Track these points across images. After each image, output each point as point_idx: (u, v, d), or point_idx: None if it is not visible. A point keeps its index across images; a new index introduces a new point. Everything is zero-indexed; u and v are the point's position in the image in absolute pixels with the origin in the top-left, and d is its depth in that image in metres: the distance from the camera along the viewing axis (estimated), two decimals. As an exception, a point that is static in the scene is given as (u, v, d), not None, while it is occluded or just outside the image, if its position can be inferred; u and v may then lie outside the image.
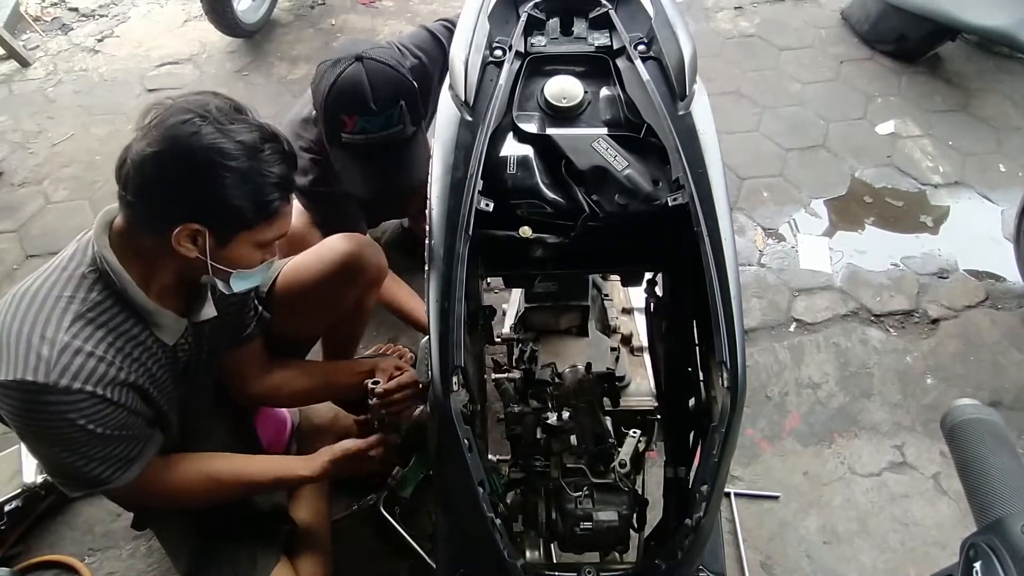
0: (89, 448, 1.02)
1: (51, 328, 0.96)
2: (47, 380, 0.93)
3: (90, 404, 0.98)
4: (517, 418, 1.22)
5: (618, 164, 1.00)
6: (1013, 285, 2.27)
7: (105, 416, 1.00)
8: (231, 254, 1.04)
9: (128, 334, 1.04)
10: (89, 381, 0.97)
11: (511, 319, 1.57)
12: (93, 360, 0.97)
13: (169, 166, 0.93)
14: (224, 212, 0.98)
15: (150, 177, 0.94)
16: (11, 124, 2.79)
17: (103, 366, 0.99)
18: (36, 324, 0.96)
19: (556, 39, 1.16)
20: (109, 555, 1.66)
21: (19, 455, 1.68)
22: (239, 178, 0.96)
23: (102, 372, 0.98)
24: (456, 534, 1.04)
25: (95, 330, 0.99)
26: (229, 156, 0.94)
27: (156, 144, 0.93)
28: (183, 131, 0.93)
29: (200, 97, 0.98)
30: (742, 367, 0.89)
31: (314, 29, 3.26)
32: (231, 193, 0.96)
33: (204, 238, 0.99)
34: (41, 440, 1.02)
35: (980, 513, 0.68)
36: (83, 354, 0.97)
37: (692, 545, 0.88)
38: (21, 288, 1.00)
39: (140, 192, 0.96)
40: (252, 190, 0.98)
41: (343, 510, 1.68)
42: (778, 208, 2.50)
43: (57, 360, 0.94)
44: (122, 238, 1.03)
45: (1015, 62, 3.12)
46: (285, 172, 1.02)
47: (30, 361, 0.93)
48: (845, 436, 1.91)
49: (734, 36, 3.25)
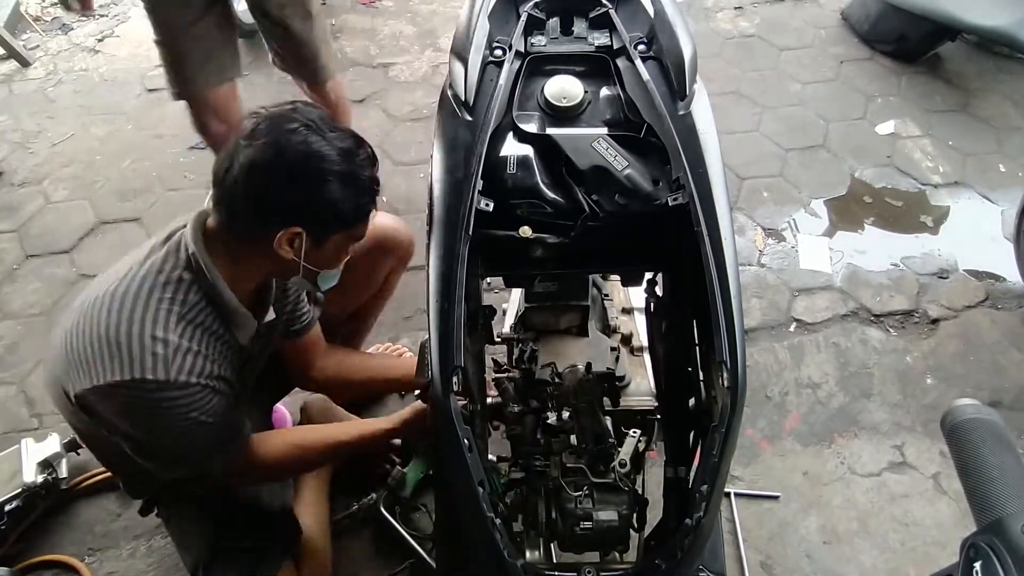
0: (200, 433, 1.09)
1: (160, 329, 1.02)
2: (167, 377, 1.01)
3: (201, 396, 1.07)
4: (517, 418, 1.22)
5: (618, 164, 1.00)
6: (1013, 285, 2.27)
7: (212, 405, 1.09)
8: (322, 255, 1.10)
9: (216, 333, 1.11)
10: (201, 376, 1.06)
11: (511, 319, 1.57)
12: (200, 358, 1.06)
13: (279, 172, 0.99)
14: (326, 214, 1.04)
15: (260, 184, 1.00)
16: (11, 124, 2.80)
17: (208, 363, 1.08)
18: (146, 325, 1.02)
19: (556, 39, 1.16)
20: (109, 555, 1.66)
21: (19, 455, 1.68)
22: (340, 182, 1.02)
23: (207, 368, 1.08)
24: (456, 534, 1.04)
25: (195, 330, 1.07)
26: (332, 162, 1.01)
27: (266, 152, 0.99)
28: (292, 140, 0.99)
29: (299, 108, 1.04)
30: (742, 367, 0.89)
31: (314, 29, 3.26)
32: (334, 196, 1.02)
33: (301, 240, 1.05)
34: (154, 432, 1.08)
35: (980, 513, 0.68)
36: (192, 353, 1.05)
37: (692, 545, 0.88)
38: (119, 289, 1.05)
39: (248, 198, 1.02)
40: (351, 193, 1.04)
41: (343, 510, 1.68)
42: (778, 208, 2.50)
43: (173, 359, 1.02)
44: (215, 241, 1.08)
45: (1015, 62, 3.12)
46: (374, 175, 1.09)
47: (147, 361, 1.00)
48: (845, 436, 1.91)
49: (734, 36, 3.25)
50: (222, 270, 1.08)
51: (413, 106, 2.85)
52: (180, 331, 1.04)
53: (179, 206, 2.44)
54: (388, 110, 2.84)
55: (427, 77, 3.01)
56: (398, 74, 3.03)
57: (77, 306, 1.09)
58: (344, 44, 3.18)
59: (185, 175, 2.56)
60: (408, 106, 2.85)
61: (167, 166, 2.59)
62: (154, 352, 1.01)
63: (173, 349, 1.02)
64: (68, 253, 2.30)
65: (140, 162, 2.60)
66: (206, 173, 2.78)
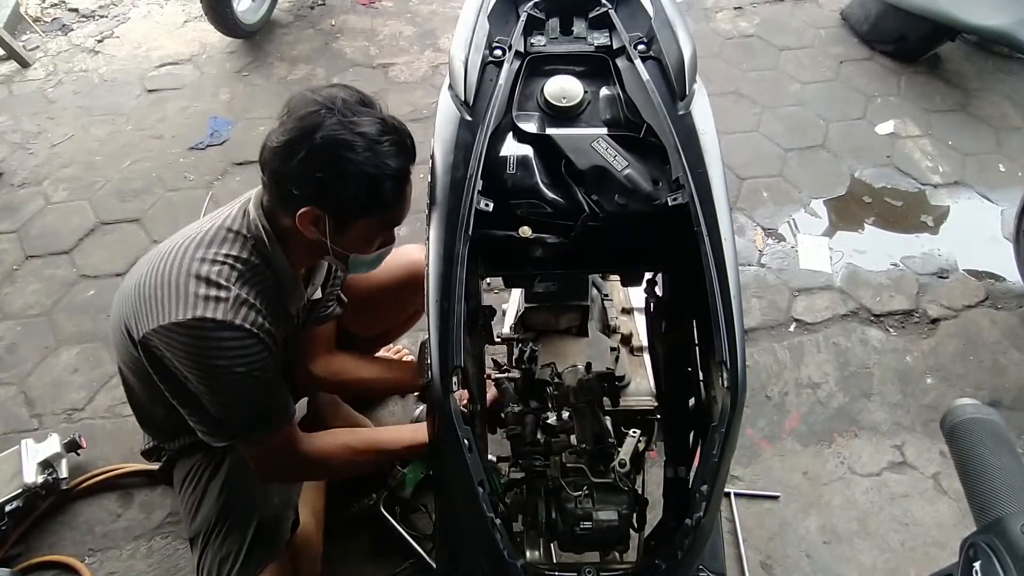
0: (254, 388, 1.14)
1: (223, 278, 1.09)
2: (225, 318, 1.07)
3: (255, 348, 1.11)
4: (517, 418, 1.22)
5: (618, 164, 1.00)
6: (1013, 285, 2.27)
7: (264, 361, 1.13)
8: (348, 239, 1.12)
9: (269, 294, 1.16)
10: (255, 326, 1.10)
11: (511, 319, 1.57)
12: (255, 311, 1.11)
13: (295, 154, 1.01)
14: (341, 200, 1.05)
15: (280, 163, 1.04)
16: (11, 125, 2.80)
17: (261, 318, 1.12)
18: (210, 274, 1.09)
19: (556, 39, 1.16)
20: (109, 555, 1.66)
21: (19, 456, 1.68)
22: (357, 169, 1.02)
23: (261, 321, 1.12)
24: (456, 534, 1.04)
25: (252, 287, 1.13)
26: (348, 147, 1.01)
27: (287, 133, 1.02)
28: (309, 122, 1.01)
29: (330, 90, 1.06)
30: (742, 367, 0.89)
31: (314, 30, 3.27)
32: (349, 182, 1.03)
33: (324, 222, 1.07)
34: (211, 376, 1.11)
35: (980, 513, 0.68)
36: (248, 305, 1.10)
37: (692, 545, 0.88)
38: (191, 242, 1.12)
39: (273, 176, 1.07)
40: (369, 180, 1.04)
41: (343, 510, 1.68)
42: (778, 208, 2.50)
43: (232, 305, 1.08)
44: (268, 214, 1.14)
45: (1014, 62, 3.12)
46: (402, 165, 1.08)
47: (209, 304, 1.07)
48: (845, 436, 1.91)
49: (734, 36, 3.25)
50: (277, 239, 1.14)
51: (413, 106, 2.85)
52: (239, 284, 1.10)
53: (179, 206, 2.44)
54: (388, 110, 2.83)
55: (427, 77, 3.01)
56: (398, 74, 3.03)
57: (150, 256, 1.16)
58: (344, 44, 3.18)
59: (185, 175, 2.56)
60: (408, 106, 2.85)
61: (167, 166, 2.59)
62: (216, 296, 1.07)
63: (232, 296, 1.08)
64: (68, 254, 2.30)
65: (140, 163, 2.60)
66: (206, 173, 2.79)
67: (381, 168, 1.04)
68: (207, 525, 1.34)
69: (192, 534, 1.37)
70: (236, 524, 1.33)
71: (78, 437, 1.73)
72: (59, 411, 1.91)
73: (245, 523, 1.33)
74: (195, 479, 1.38)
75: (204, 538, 1.34)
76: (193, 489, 1.37)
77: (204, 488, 1.36)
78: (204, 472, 1.37)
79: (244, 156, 2.63)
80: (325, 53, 3.13)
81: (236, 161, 2.62)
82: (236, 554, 1.31)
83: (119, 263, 2.26)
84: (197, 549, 1.35)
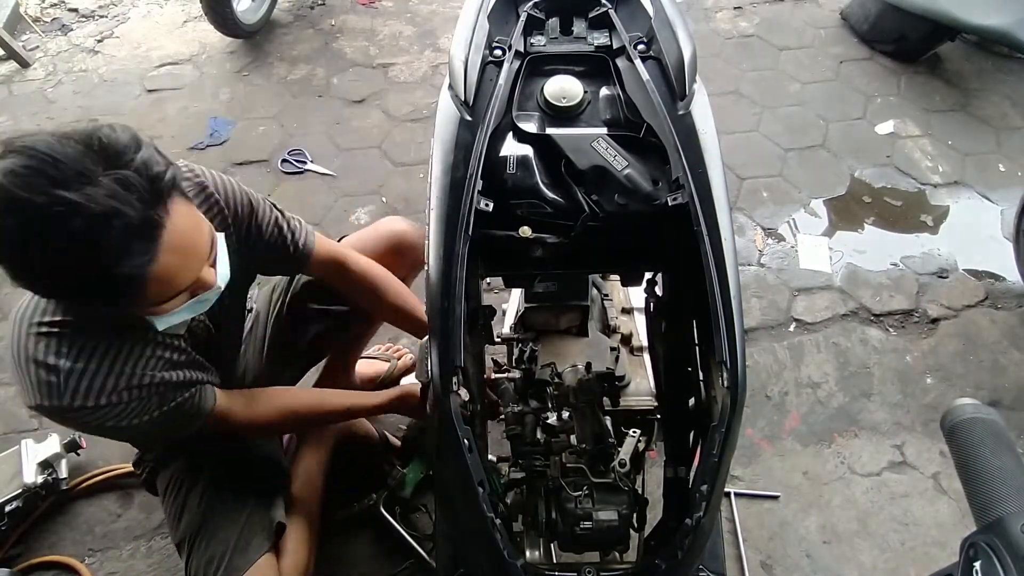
0: (148, 426, 1.05)
1: (52, 355, 0.95)
2: (61, 403, 0.95)
3: (117, 410, 1.00)
4: (517, 418, 1.22)
5: (618, 164, 1.00)
6: (1013, 285, 2.27)
7: (137, 409, 1.02)
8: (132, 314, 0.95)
9: (129, 338, 1.02)
10: (101, 395, 0.97)
11: (511, 319, 1.57)
12: (99, 377, 0.97)
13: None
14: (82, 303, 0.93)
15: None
16: (10, 125, 2.79)
17: (110, 379, 0.98)
18: (40, 354, 0.95)
19: (556, 39, 1.16)
20: (109, 555, 1.66)
21: (19, 456, 1.68)
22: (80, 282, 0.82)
23: (110, 384, 0.98)
24: (456, 534, 1.04)
25: (94, 347, 0.97)
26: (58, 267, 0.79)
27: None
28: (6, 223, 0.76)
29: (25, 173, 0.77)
30: (742, 367, 0.88)
31: (314, 30, 3.26)
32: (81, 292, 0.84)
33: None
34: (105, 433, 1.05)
35: (980, 512, 0.68)
36: (88, 374, 0.96)
37: (692, 545, 0.88)
38: (20, 312, 0.99)
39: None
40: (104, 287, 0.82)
41: (343, 510, 1.68)
42: (778, 208, 2.50)
43: (65, 385, 0.95)
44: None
45: (1014, 62, 3.12)
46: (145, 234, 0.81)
47: (41, 389, 0.95)
48: (845, 436, 1.91)
49: (733, 36, 3.25)
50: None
51: (413, 106, 2.85)
52: (73, 354, 0.95)
53: (179, 206, 2.44)
54: (387, 110, 2.84)
55: (426, 77, 3.01)
56: (397, 74, 3.03)
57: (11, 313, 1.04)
58: (344, 44, 3.18)
59: (185, 175, 2.55)
60: (408, 106, 2.85)
61: (167, 166, 2.58)
62: (48, 381, 0.94)
63: (65, 375, 0.94)
64: (68, 254, 2.30)
65: (140, 162, 2.60)
66: (206, 173, 2.72)
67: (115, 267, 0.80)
68: (191, 531, 1.33)
69: (178, 540, 1.36)
70: (219, 530, 1.33)
71: (78, 437, 1.73)
72: (59, 411, 1.92)
73: (227, 529, 1.33)
74: (175, 489, 1.38)
75: (189, 544, 1.33)
76: (175, 498, 1.37)
77: (184, 497, 1.36)
78: (183, 482, 1.37)
79: (244, 156, 2.63)
80: (325, 53, 3.13)
81: (236, 161, 2.62)
82: (221, 557, 1.31)
83: (119, 263, 2.26)
84: (184, 555, 1.35)
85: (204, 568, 1.30)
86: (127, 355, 1.01)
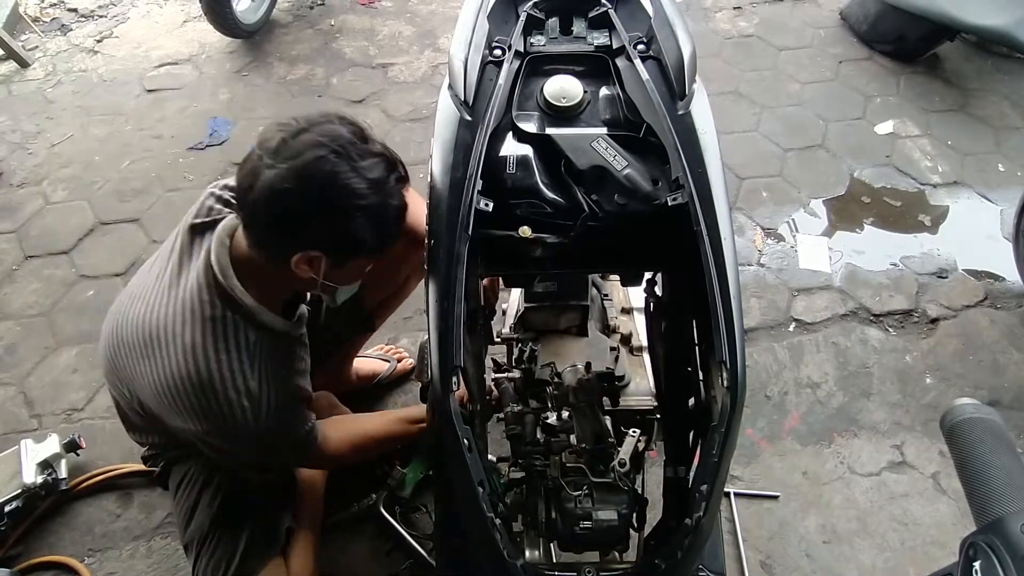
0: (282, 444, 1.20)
1: (240, 380, 1.08)
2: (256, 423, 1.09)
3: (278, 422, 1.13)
4: (517, 418, 1.22)
5: (618, 164, 1.00)
6: (1012, 285, 2.27)
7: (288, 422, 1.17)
8: (343, 274, 1.10)
9: (276, 352, 1.15)
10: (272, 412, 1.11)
11: (511, 319, 1.57)
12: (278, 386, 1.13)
13: (304, 202, 0.96)
14: (348, 244, 1.03)
15: (282, 209, 0.97)
16: (10, 125, 2.79)
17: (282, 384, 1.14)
18: (225, 379, 1.07)
19: (555, 39, 1.16)
20: (109, 556, 1.66)
21: (19, 456, 1.68)
22: (368, 215, 1.00)
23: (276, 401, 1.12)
24: (456, 534, 1.04)
25: (264, 363, 1.11)
26: (361, 196, 0.98)
27: (292, 180, 0.95)
28: (320, 168, 0.95)
29: (329, 127, 1.00)
30: (742, 367, 0.89)
31: (313, 30, 3.26)
32: (359, 229, 1.00)
33: (320, 263, 1.03)
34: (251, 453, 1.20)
35: (979, 512, 0.68)
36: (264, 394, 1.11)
37: (692, 545, 0.88)
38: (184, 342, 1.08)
39: (268, 223, 1.01)
40: (378, 225, 1.02)
41: (343, 510, 1.68)
42: (777, 208, 2.50)
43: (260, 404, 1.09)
44: (243, 256, 1.10)
45: (1014, 62, 3.12)
46: (403, 202, 1.06)
47: (236, 414, 1.08)
48: (844, 436, 1.91)
49: (733, 36, 3.25)
50: (253, 291, 1.10)
51: (412, 106, 2.85)
52: (257, 373, 1.10)
53: (179, 207, 2.44)
54: (387, 110, 2.84)
55: (426, 77, 3.01)
56: (397, 74, 3.03)
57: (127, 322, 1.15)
58: (343, 44, 3.18)
59: (184, 175, 2.55)
60: (407, 106, 2.85)
61: (166, 167, 2.59)
62: (242, 406, 1.07)
63: (257, 395, 1.08)
64: (67, 254, 2.30)
65: (139, 163, 2.60)
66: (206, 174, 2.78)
67: (388, 211, 1.03)
68: (201, 532, 1.34)
69: (187, 540, 1.36)
70: (229, 530, 1.33)
71: (78, 437, 1.73)
72: (59, 411, 1.91)
73: (238, 529, 1.34)
74: (190, 485, 1.38)
75: (198, 544, 1.34)
76: (188, 495, 1.37)
77: (198, 494, 1.36)
78: (198, 479, 1.37)
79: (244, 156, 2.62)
80: (324, 53, 3.13)
81: (236, 161, 2.61)
82: (230, 559, 1.31)
83: (118, 263, 2.26)
84: (192, 555, 1.35)
85: (214, 569, 1.30)
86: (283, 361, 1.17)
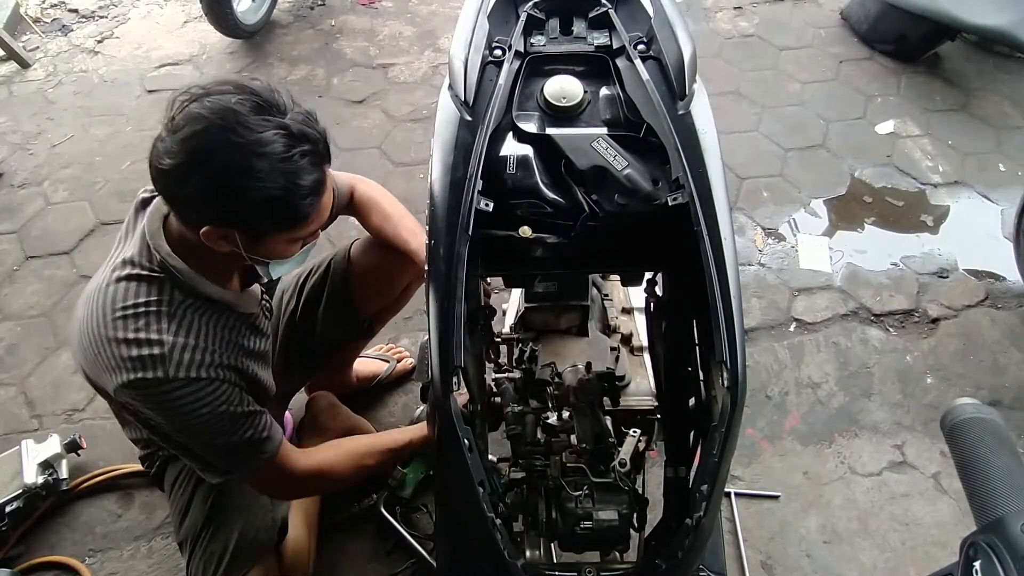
0: (226, 424, 1.07)
1: (152, 331, 1.01)
2: (167, 374, 1.00)
3: (210, 388, 1.04)
4: (517, 418, 1.22)
5: (618, 164, 1.00)
6: (1013, 284, 2.27)
7: (227, 395, 1.07)
8: (265, 249, 1.04)
9: (214, 319, 1.08)
10: (202, 367, 1.03)
11: (511, 319, 1.57)
12: (198, 351, 1.04)
13: (186, 179, 0.90)
14: (253, 221, 0.96)
15: (173, 188, 0.93)
16: (11, 125, 2.80)
17: (208, 354, 1.05)
18: (134, 331, 1.01)
19: (556, 39, 1.16)
20: (109, 556, 1.66)
21: (19, 456, 1.68)
22: (261, 194, 0.91)
23: (211, 359, 1.05)
24: (456, 534, 1.04)
25: (189, 324, 1.04)
26: (248, 173, 0.89)
27: (175, 155, 0.89)
28: (198, 143, 0.88)
29: (220, 98, 0.90)
30: (742, 367, 0.89)
31: (314, 30, 3.27)
32: (254, 207, 0.92)
33: (235, 237, 0.98)
34: (179, 424, 1.06)
35: (980, 512, 0.68)
36: (188, 348, 1.03)
37: (692, 545, 0.88)
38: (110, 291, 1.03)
39: (167, 199, 0.98)
40: (277, 203, 0.93)
41: (343, 510, 1.68)
42: (778, 208, 2.50)
43: (169, 357, 1.01)
44: (174, 231, 1.05)
45: (1014, 62, 3.12)
46: (317, 177, 0.97)
47: (146, 364, 1.00)
48: (845, 436, 1.91)
49: (733, 36, 3.25)
50: (190, 259, 1.04)
51: (413, 107, 2.85)
52: (172, 329, 1.02)
53: (179, 207, 2.44)
54: (388, 111, 2.84)
55: (426, 78, 3.01)
56: (397, 75, 3.03)
57: (83, 299, 1.09)
58: (344, 45, 3.18)
59: (185, 176, 2.55)
60: (408, 107, 2.85)
61: (167, 167, 2.59)
62: (151, 355, 1.00)
63: (168, 348, 1.00)
64: (68, 254, 2.30)
65: (140, 163, 2.60)
66: (206, 174, 2.72)
67: (291, 189, 0.93)
68: (195, 529, 1.34)
69: (181, 538, 1.37)
70: (222, 528, 1.33)
71: (78, 438, 1.73)
72: (59, 412, 1.92)
73: (230, 527, 1.33)
74: (184, 483, 1.38)
75: (192, 541, 1.34)
76: (182, 493, 1.37)
77: (192, 492, 1.36)
78: (192, 477, 1.37)
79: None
80: (325, 53, 3.13)
81: (236, 161, 2.62)
82: (221, 555, 1.31)
83: (119, 263, 2.26)
84: (186, 552, 1.35)
85: (206, 565, 1.31)
86: (222, 331, 1.09)
